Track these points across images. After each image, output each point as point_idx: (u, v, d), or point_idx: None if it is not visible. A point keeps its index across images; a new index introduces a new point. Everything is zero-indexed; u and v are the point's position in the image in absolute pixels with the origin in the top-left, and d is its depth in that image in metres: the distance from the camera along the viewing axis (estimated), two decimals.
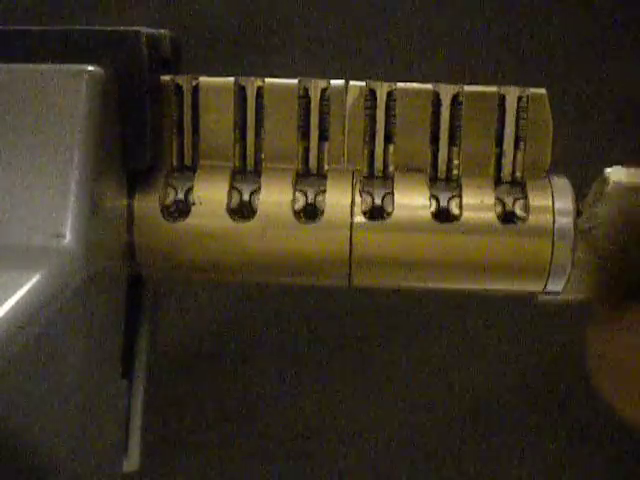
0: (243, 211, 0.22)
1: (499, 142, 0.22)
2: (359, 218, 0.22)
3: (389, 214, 0.22)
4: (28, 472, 0.16)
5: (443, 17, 0.39)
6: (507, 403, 0.41)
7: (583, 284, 0.23)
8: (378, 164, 0.22)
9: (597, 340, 0.23)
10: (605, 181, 0.22)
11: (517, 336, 0.41)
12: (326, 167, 0.22)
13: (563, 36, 0.39)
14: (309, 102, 0.22)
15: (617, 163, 0.22)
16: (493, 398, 0.41)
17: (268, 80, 0.22)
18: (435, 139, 0.22)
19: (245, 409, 0.41)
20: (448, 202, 0.22)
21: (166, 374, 0.39)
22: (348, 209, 0.22)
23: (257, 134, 0.22)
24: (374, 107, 0.22)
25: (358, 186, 0.22)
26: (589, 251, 0.22)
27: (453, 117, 0.22)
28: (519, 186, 0.22)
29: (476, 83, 0.22)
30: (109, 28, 0.21)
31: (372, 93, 0.22)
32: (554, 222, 0.22)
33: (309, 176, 0.22)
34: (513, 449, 0.41)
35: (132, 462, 0.23)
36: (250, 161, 0.22)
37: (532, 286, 0.22)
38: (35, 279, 0.17)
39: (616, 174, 0.22)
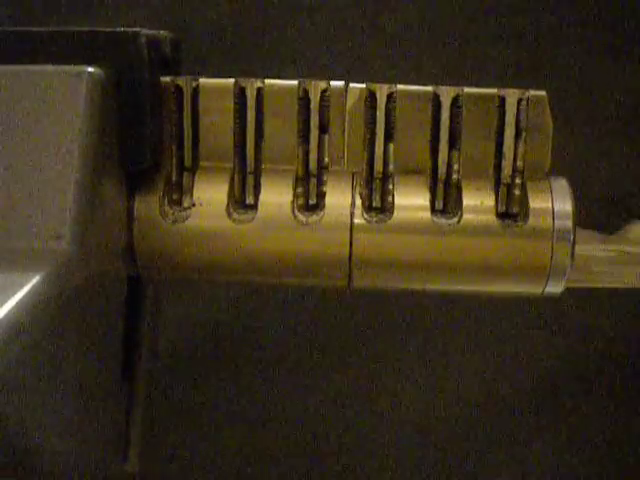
0: (243, 212, 0.22)
1: (499, 144, 0.22)
2: (359, 219, 0.22)
3: (389, 215, 0.22)
4: (27, 472, 0.16)
5: (443, 17, 0.39)
6: (508, 405, 0.41)
7: None
8: (378, 166, 0.22)
9: None
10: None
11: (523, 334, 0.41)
12: (326, 168, 0.22)
13: (563, 36, 0.39)
14: (309, 103, 0.22)
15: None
16: (499, 399, 0.41)
17: (268, 81, 0.22)
18: (435, 141, 0.22)
19: (245, 410, 0.41)
20: (448, 204, 0.22)
21: (165, 375, 0.39)
22: (348, 210, 0.22)
23: (257, 135, 0.22)
24: (374, 109, 0.22)
25: (358, 187, 0.22)
26: None
27: (453, 119, 0.22)
28: (519, 188, 0.22)
29: (476, 85, 0.22)
30: (109, 29, 0.21)
31: (372, 95, 0.22)
32: (554, 224, 0.22)
33: (309, 177, 0.22)
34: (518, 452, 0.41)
35: (132, 463, 0.23)
36: (250, 162, 0.22)
37: (532, 287, 0.22)
38: (35, 280, 0.17)
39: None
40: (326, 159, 0.22)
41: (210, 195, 0.22)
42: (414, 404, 0.41)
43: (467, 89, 0.22)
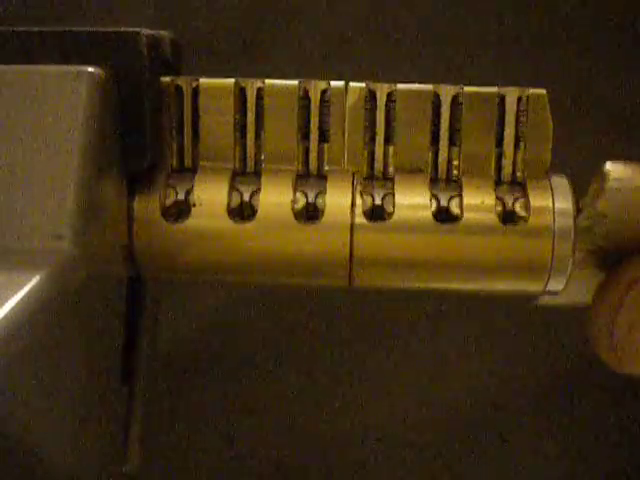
0: (243, 212, 0.22)
1: (499, 142, 0.22)
2: (359, 219, 0.22)
3: (389, 215, 0.22)
4: (26, 474, 0.16)
5: (443, 16, 0.39)
6: (504, 404, 0.41)
7: (584, 286, 0.23)
8: (378, 165, 0.22)
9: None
10: (604, 177, 0.22)
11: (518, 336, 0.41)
12: (326, 168, 0.22)
13: (562, 35, 0.39)
14: (309, 103, 0.22)
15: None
16: (494, 398, 0.41)
17: (268, 81, 0.22)
18: (435, 140, 0.22)
19: (245, 410, 0.41)
20: (448, 203, 0.22)
21: (166, 376, 0.39)
22: (348, 210, 0.22)
23: (257, 135, 0.22)
24: (374, 108, 0.22)
25: (358, 187, 0.22)
26: (588, 250, 0.22)
27: (453, 118, 0.22)
28: (519, 186, 0.22)
29: (476, 84, 0.22)
30: (109, 29, 0.21)
31: (372, 94, 0.22)
32: (554, 222, 0.22)
33: (309, 177, 0.22)
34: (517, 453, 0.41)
35: (132, 465, 0.23)
36: (250, 162, 0.22)
37: (533, 286, 0.22)
38: (34, 280, 0.17)
39: (616, 170, 0.22)
40: (326, 159, 0.22)
41: (210, 195, 0.22)
42: (411, 406, 0.41)
43: (467, 88, 0.22)
